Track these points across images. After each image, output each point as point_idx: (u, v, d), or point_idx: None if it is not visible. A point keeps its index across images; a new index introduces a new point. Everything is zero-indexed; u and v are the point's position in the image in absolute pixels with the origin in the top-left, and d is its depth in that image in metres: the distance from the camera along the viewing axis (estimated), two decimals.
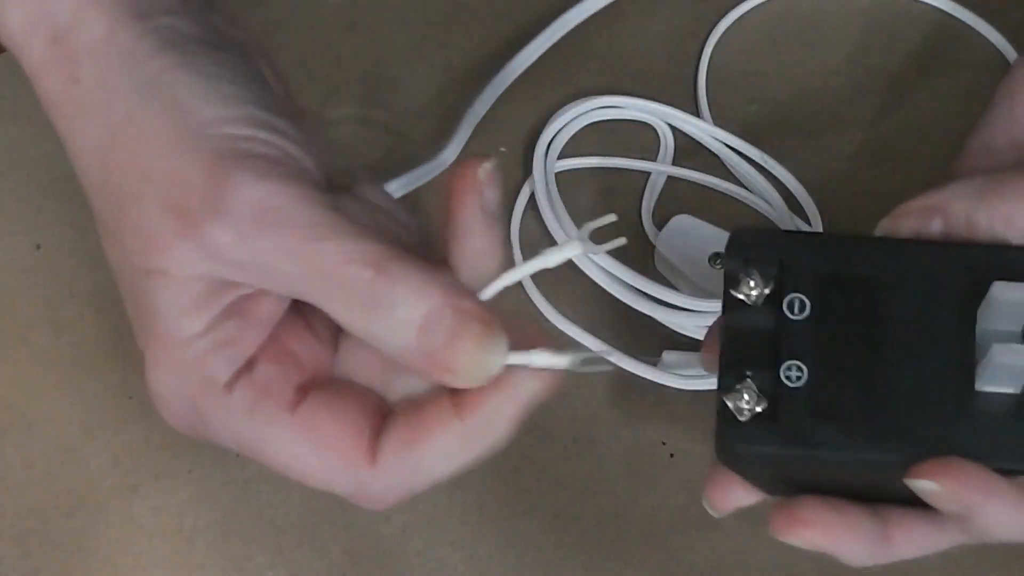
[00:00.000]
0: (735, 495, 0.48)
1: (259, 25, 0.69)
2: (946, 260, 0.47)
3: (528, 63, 0.69)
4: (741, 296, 0.46)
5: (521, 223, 0.65)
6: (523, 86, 0.68)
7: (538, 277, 0.63)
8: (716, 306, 0.62)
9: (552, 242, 0.65)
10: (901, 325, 0.46)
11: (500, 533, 0.60)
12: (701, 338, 0.63)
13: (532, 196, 0.65)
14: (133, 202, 0.44)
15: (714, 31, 0.70)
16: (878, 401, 0.45)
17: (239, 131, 0.44)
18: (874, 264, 0.47)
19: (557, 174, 0.66)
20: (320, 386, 0.46)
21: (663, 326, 0.63)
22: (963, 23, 0.70)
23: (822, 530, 0.46)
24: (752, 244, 0.47)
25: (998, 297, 0.45)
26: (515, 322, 0.45)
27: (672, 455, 0.61)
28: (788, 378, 0.45)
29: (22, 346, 0.62)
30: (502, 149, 0.67)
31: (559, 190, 0.65)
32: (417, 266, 0.44)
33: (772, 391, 0.45)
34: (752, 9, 0.71)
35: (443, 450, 0.45)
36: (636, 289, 0.63)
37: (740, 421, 0.45)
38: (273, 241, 0.43)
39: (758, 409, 0.45)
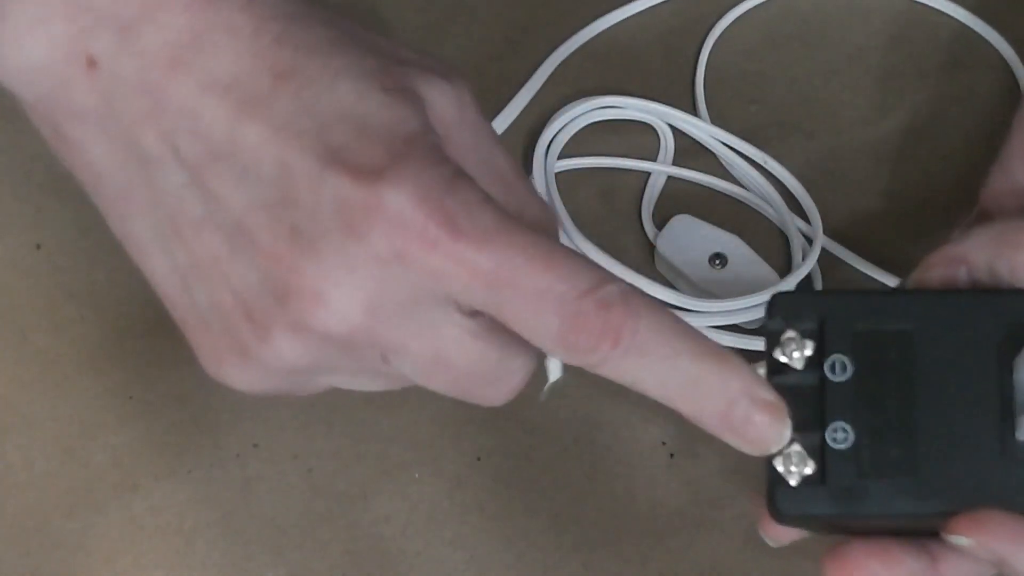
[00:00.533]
0: (791, 531, 0.49)
1: None
2: (981, 310, 0.47)
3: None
4: (784, 359, 0.47)
5: None
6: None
7: None
8: (716, 306, 0.62)
9: None
10: (942, 377, 0.47)
11: (500, 533, 0.60)
12: None
13: None
14: (347, 40, 0.44)
15: (713, 31, 0.70)
16: (923, 456, 0.46)
17: None
18: (911, 318, 0.47)
19: (557, 174, 0.66)
20: None
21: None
22: (963, 24, 0.70)
23: None
24: (791, 306, 0.47)
25: None
26: None
27: (672, 455, 0.61)
28: (835, 440, 0.46)
29: (22, 346, 0.62)
30: None
31: (559, 190, 0.65)
32: None
33: (819, 452, 0.46)
34: (752, 9, 0.71)
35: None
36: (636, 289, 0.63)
37: (790, 485, 0.46)
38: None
39: (807, 471, 0.46)
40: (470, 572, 0.59)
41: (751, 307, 0.62)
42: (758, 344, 0.60)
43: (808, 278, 0.64)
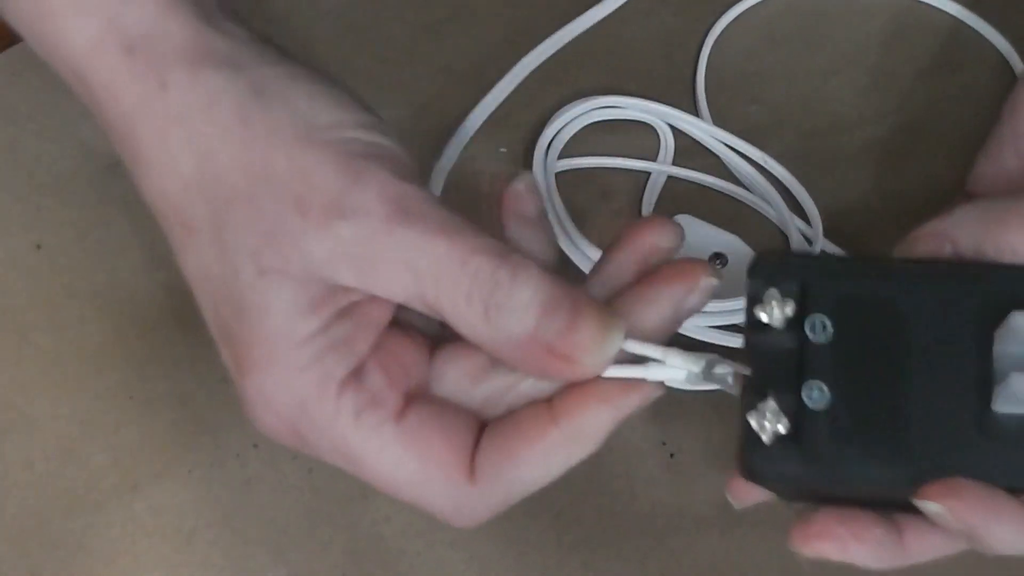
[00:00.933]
0: (757, 491, 0.49)
1: (259, 25, 0.69)
2: (964, 283, 0.47)
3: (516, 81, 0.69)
4: (764, 317, 0.47)
5: None
6: (523, 86, 0.68)
7: None
8: (716, 306, 0.62)
9: None
10: (920, 346, 0.47)
11: (500, 533, 0.60)
12: (701, 338, 0.63)
13: None
14: (247, 202, 0.44)
15: (712, 30, 0.70)
16: (898, 422, 0.46)
17: (362, 135, 0.45)
18: (894, 286, 0.47)
19: (557, 174, 0.66)
20: (423, 398, 0.47)
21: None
22: (963, 23, 0.71)
23: (839, 545, 0.47)
24: (774, 266, 0.47)
25: (1015, 326, 0.46)
26: None
27: (672, 455, 0.61)
28: (810, 399, 0.46)
29: (22, 346, 0.62)
30: (502, 149, 0.67)
31: (559, 190, 0.65)
32: (532, 258, 0.45)
33: (794, 411, 0.46)
34: (751, 8, 0.71)
35: (540, 459, 0.46)
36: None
37: (763, 442, 0.46)
38: (404, 237, 0.44)
39: (781, 429, 0.46)
40: (470, 572, 0.59)
41: None
42: None
43: None
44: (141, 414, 0.61)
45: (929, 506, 0.45)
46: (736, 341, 0.62)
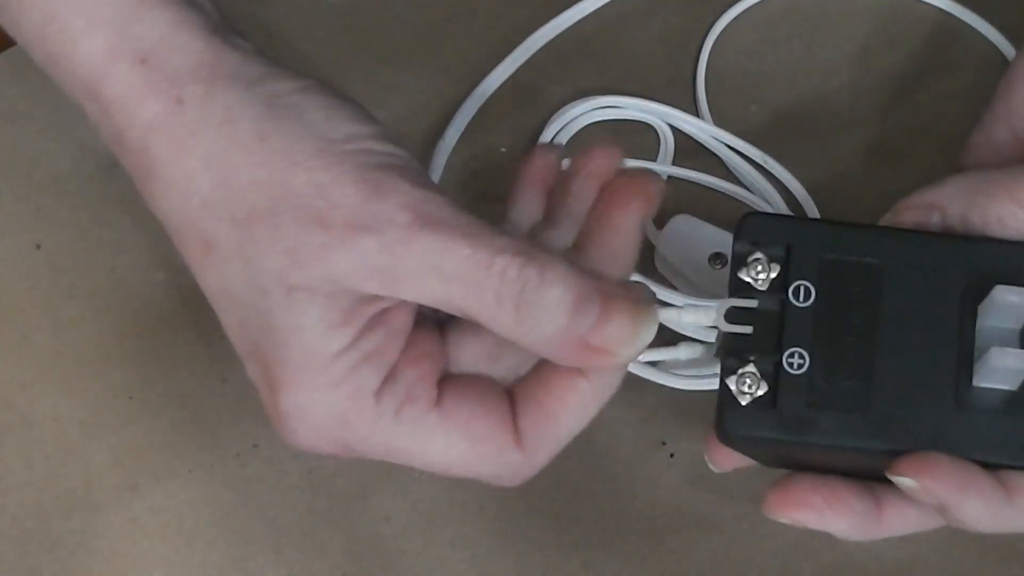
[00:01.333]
0: (735, 457, 0.49)
1: (259, 25, 0.69)
2: (950, 254, 0.47)
3: (503, 77, 0.69)
4: (748, 279, 0.47)
5: None
6: (523, 86, 0.68)
7: None
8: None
9: None
10: (903, 316, 0.47)
11: (500, 533, 0.60)
12: (701, 338, 0.63)
13: None
14: (268, 219, 0.44)
15: (712, 30, 0.70)
16: (877, 391, 0.46)
17: (377, 146, 0.45)
18: (880, 254, 0.47)
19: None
20: (453, 379, 0.47)
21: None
22: (964, 23, 0.70)
23: (815, 512, 0.47)
24: (761, 228, 0.47)
25: (999, 300, 0.46)
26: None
27: (672, 455, 0.61)
28: (790, 364, 0.46)
29: (22, 346, 0.62)
30: (502, 149, 0.67)
31: None
32: (556, 253, 0.46)
33: (773, 376, 0.46)
34: (751, 8, 0.71)
35: (577, 413, 0.47)
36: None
37: (740, 405, 0.46)
38: (427, 243, 0.44)
39: (759, 393, 0.46)
40: (470, 572, 0.59)
41: None
42: None
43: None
44: (141, 414, 0.61)
45: (902, 480, 0.46)
46: None
